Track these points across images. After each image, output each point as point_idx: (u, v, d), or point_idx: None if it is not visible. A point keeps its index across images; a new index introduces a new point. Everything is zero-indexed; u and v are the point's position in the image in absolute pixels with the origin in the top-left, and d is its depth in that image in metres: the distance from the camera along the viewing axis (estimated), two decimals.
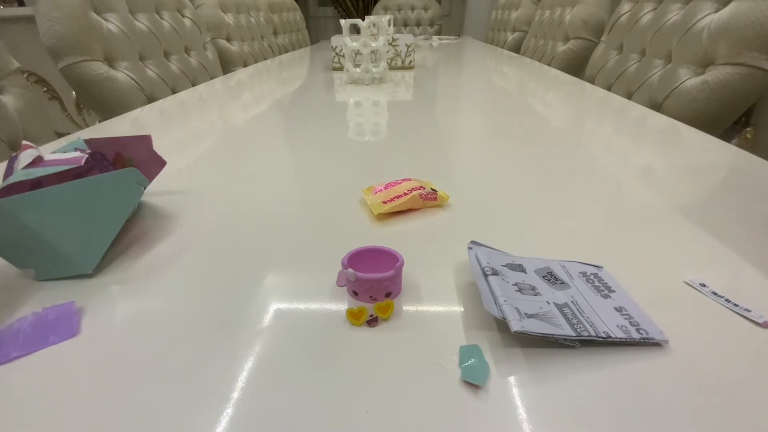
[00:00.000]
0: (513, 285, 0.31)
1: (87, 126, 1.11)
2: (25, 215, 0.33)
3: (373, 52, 1.17)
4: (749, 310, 0.30)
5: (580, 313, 0.29)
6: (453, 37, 2.89)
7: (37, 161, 0.38)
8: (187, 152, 0.66)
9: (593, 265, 0.35)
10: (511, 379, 0.25)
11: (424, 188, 0.45)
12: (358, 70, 1.18)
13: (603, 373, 0.25)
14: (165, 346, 0.28)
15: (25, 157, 0.39)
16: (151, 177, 0.45)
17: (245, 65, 1.77)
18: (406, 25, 3.30)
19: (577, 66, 1.64)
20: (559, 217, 0.44)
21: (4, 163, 0.56)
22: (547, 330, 0.26)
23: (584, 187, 0.52)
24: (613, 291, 0.32)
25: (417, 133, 0.76)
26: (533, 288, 0.31)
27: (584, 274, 0.34)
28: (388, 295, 0.31)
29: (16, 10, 2.14)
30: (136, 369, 0.26)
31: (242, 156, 0.65)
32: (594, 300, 0.30)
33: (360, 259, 0.33)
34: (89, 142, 0.44)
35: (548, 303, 0.29)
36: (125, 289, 0.33)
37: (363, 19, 1.14)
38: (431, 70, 1.50)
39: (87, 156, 0.39)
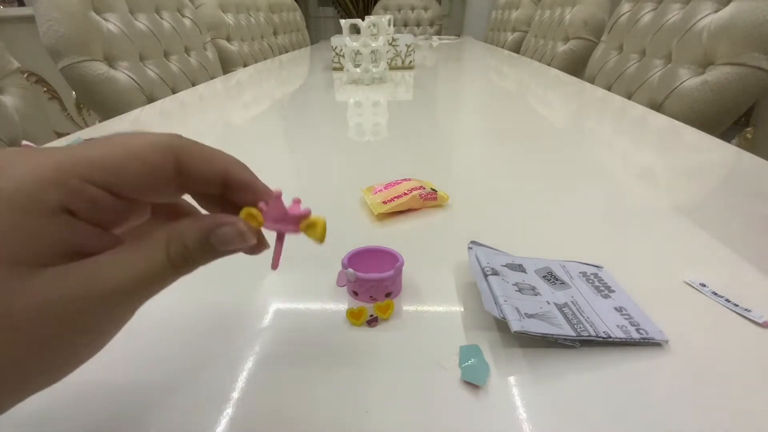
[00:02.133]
0: (513, 285, 0.31)
1: (87, 126, 1.11)
2: None
3: (373, 52, 1.17)
4: (749, 310, 0.30)
5: (580, 313, 0.29)
6: (453, 37, 2.89)
7: None
8: None
9: (593, 265, 0.35)
10: (511, 379, 0.25)
11: (424, 188, 0.45)
12: (358, 70, 1.18)
13: (603, 373, 0.25)
14: (165, 346, 0.28)
15: None
16: None
17: (245, 65, 1.77)
18: (406, 25, 3.30)
19: (577, 66, 1.63)
20: (558, 217, 0.44)
21: None
22: (547, 330, 0.26)
23: (584, 187, 0.52)
24: (613, 291, 0.32)
25: (417, 133, 0.76)
26: (533, 288, 0.31)
27: (584, 274, 0.34)
28: (388, 295, 0.31)
29: (16, 10, 2.15)
30: (136, 369, 0.26)
31: (242, 156, 0.65)
32: (594, 300, 0.30)
33: (360, 259, 0.33)
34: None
35: (548, 303, 0.29)
36: None
37: (363, 19, 1.14)
38: (431, 70, 1.50)
39: None
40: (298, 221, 0.20)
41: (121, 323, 0.16)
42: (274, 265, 0.20)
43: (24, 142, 0.41)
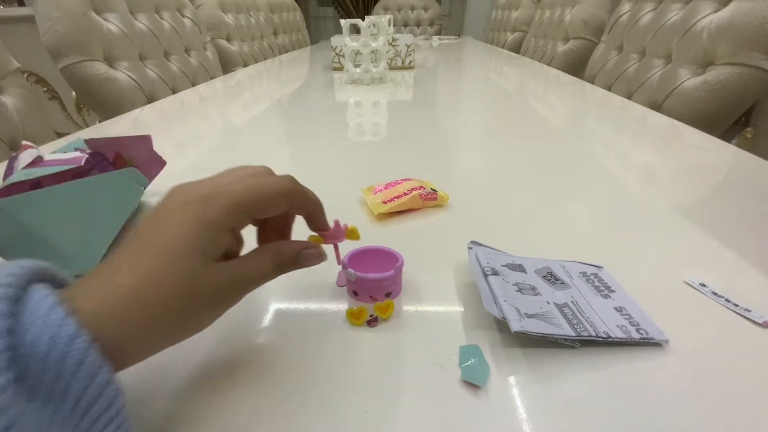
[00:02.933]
0: (513, 285, 0.31)
1: (87, 126, 1.11)
2: (25, 215, 0.33)
3: (373, 52, 1.17)
4: (749, 310, 0.30)
5: (580, 313, 0.29)
6: (453, 37, 2.89)
7: (37, 161, 0.38)
8: (187, 152, 0.66)
9: (593, 265, 0.35)
10: (511, 379, 0.25)
11: (424, 188, 0.45)
12: (358, 70, 1.18)
13: (603, 373, 0.25)
14: None
15: (25, 157, 0.39)
16: (151, 177, 0.45)
17: (245, 65, 1.77)
18: (406, 25, 3.30)
19: (577, 66, 1.63)
20: (559, 217, 0.44)
21: (4, 163, 0.56)
22: (547, 330, 0.26)
23: (584, 187, 0.52)
24: (613, 291, 0.32)
25: (417, 133, 0.76)
26: (533, 288, 0.31)
27: (584, 274, 0.34)
28: (388, 295, 0.31)
29: (16, 10, 2.14)
30: (135, 369, 0.26)
31: (242, 156, 0.65)
32: (594, 300, 0.30)
33: (360, 259, 0.33)
34: (89, 142, 0.44)
35: (548, 303, 0.29)
36: None
37: (363, 19, 1.14)
38: (431, 70, 1.50)
39: (87, 156, 0.39)
40: (345, 233, 0.29)
41: (235, 303, 0.23)
42: (339, 261, 0.30)
43: (24, 143, 0.41)
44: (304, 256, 0.26)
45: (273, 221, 0.27)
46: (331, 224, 0.29)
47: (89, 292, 0.18)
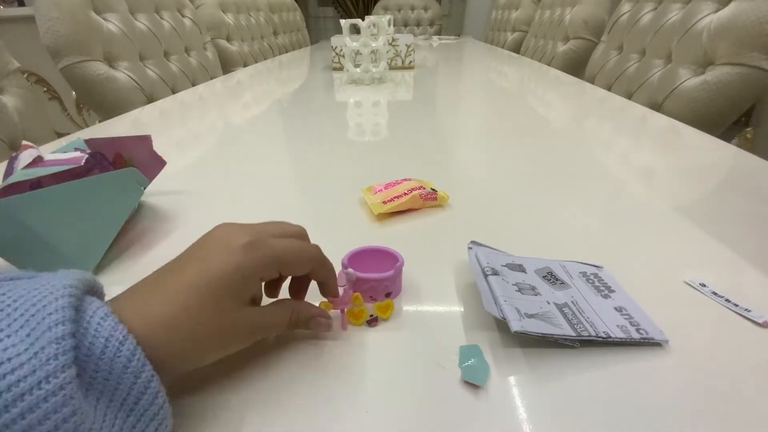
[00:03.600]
0: (513, 285, 0.31)
1: (87, 126, 1.11)
2: (25, 215, 0.33)
3: (373, 52, 1.17)
4: (749, 310, 0.30)
5: (580, 313, 0.29)
6: (453, 37, 2.89)
7: (37, 161, 0.38)
8: (187, 152, 0.66)
9: (593, 265, 0.35)
10: (511, 379, 0.25)
11: (424, 188, 0.45)
12: (358, 70, 1.18)
13: (603, 373, 0.25)
14: None
15: (25, 157, 0.39)
16: (151, 177, 0.45)
17: (245, 65, 1.77)
18: (406, 25, 3.30)
19: (577, 66, 1.63)
20: (558, 217, 0.44)
21: (4, 163, 0.56)
22: (547, 330, 0.26)
23: (584, 187, 0.52)
24: (613, 291, 0.32)
25: (417, 133, 0.76)
26: (533, 288, 0.31)
27: (584, 274, 0.34)
28: (388, 295, 0.31)
29: (16, 10, 2.14)
30: None
31: (242, 156, 0.65)
32: (594, 300, 0.30)
33: (360, 259, 0.33)
34: (89, 142, 0.44)
35: (548, 303, 0.29)
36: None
37: (363, 19, 1.14)
38: (431, 70, 1.50)
39: (87, 156, 0.39)
40: (351, 300, 0.30)
41: (253, 341, 0.25)
42: (344, 327, 0.30)
43: (24, 143, 0.41)
44: (316, 323, 0.28)
45: (293, 278, 0.30)
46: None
47: (134, 310, 0.21)
